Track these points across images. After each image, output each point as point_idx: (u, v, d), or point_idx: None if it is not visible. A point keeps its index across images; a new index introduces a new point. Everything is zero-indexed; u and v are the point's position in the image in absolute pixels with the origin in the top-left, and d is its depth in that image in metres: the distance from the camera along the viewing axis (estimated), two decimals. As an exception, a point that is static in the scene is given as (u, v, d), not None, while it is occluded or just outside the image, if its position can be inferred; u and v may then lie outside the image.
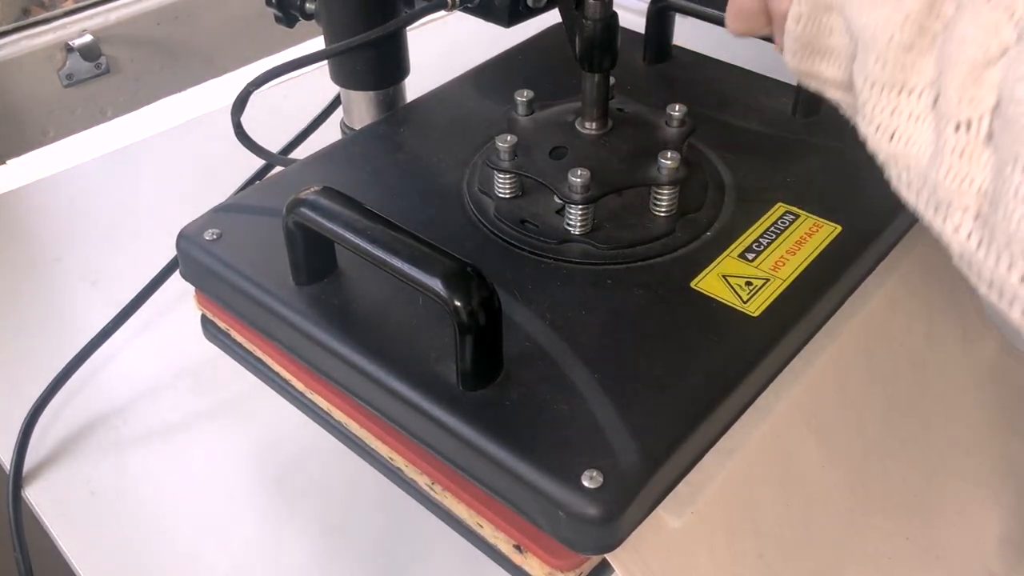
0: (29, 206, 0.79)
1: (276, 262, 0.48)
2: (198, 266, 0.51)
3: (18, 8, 0.86)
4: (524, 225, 0.50)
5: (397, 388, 0.43)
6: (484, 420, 0.41)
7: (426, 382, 0.42)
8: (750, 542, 0.46)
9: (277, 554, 0.53)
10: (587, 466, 0.38)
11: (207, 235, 0.51)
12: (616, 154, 0.51)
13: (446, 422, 0.41)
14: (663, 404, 0.42)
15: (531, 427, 0.40)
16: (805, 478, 0.48)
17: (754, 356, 0.44)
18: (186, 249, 0.52)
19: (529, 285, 0.47)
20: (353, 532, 0.54)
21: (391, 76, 0.65)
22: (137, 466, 0.58)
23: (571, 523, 0.38)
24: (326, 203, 0.44)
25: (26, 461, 0.58)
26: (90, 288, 0.70)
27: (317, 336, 0.46)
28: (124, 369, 0.64)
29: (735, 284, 0.47)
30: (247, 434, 0.59)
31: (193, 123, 0.87)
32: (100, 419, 0.60)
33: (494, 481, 0.41)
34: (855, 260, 0.50)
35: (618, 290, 0.47)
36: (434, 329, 0.44)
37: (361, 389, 0.45)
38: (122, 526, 0.55)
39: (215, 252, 0.50)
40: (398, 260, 0.41)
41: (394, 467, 0.48)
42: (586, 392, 0.42)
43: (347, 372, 0.45)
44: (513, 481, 0.39)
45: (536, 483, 0.39)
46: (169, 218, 0.75)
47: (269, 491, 0.56)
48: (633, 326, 0.45)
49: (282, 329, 0.47)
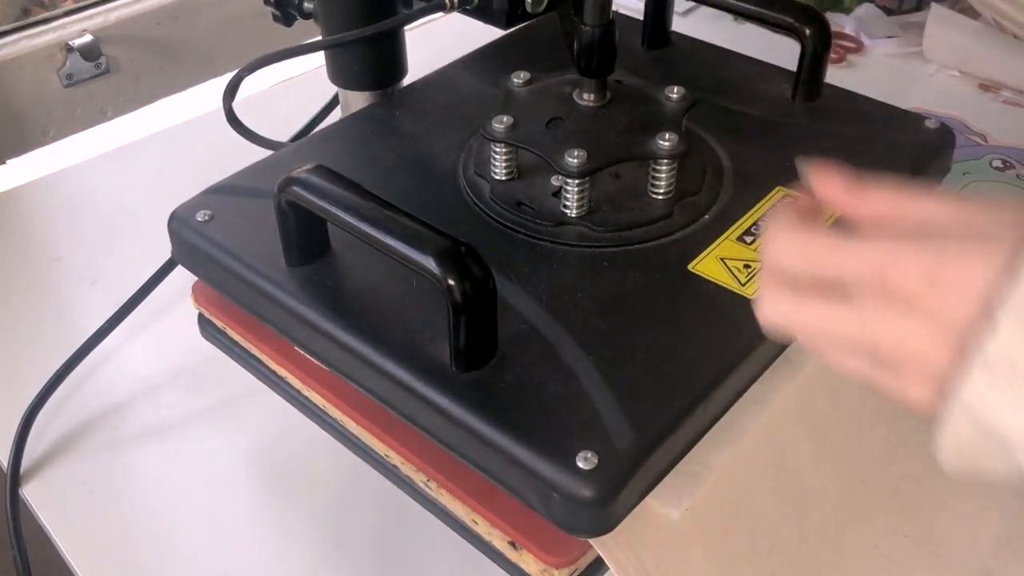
0: (29, 206, 0.79)
1: (268, 243, 0.47)
2: (190, 248, 0.51)
3: (18, 8, 0.86)
4: (520, 207, 0.50)
5: (390, 369, 0.42)
6: (478, 401, 0.40)
7: (419, 363, 0.42)
8: (744, 538, 0.46)
9: (275, 552, 0.53)
10: (582, 448, 0.38)
11: (199, 216, 0.51)
12: (614, 127, 0.50)
13: (439, 403, 0.41)
14: (660, 387, 0.41)
15: (525, 408, 0.40)
16: (800, 474, 0.48)
17: (751, 340, 0.44)
18: (177, 230, 0.51)
19: (525, 267, 0.47)
20: (350, 530, 0.54)
21: (389, 77, 0.65)
22: (135, 465, 0.58)
23: (566, 505, 0.38)
24: (318, 181, 0.44)
25: (24, 460, 0.57)
26: (89, 287, 0.70)
27: (309, 317, 0.45)
28: (122, 368, 0.64)
29: (733, 267, 0.47)
30: (245, 432, 0.59)
31: (193, 123, 0.87)
32: (98, 418, 0.60)
33: (488, 463, 0.40)
34: None
35: (615, 272, 0.47)
36: (428, 310, 0.43)
37: (353, 371, 0.44)
38: (120, 525, 0.54)
39: (206, 233, 0.50)
40: (391, 239, 0.40)
41: (390, 464, 0.48)
42: (582, 374, 0.41)
43: (339, 353, 0.44)
44: (507, 463, 0.39)
45: (530, 464, 0.38)
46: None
47: (266, 489, 0.56)
48: (630, 309, 0.45)
49: (274, 311, 0.47)
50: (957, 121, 0.84)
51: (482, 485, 0.44)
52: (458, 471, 0.44)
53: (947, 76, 0.90)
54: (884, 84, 0.90)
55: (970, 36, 0.89)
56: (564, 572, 0.42)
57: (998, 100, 0.87)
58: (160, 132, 0.86)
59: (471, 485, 0.44)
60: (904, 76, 0.91)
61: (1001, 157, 0.80)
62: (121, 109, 0.89)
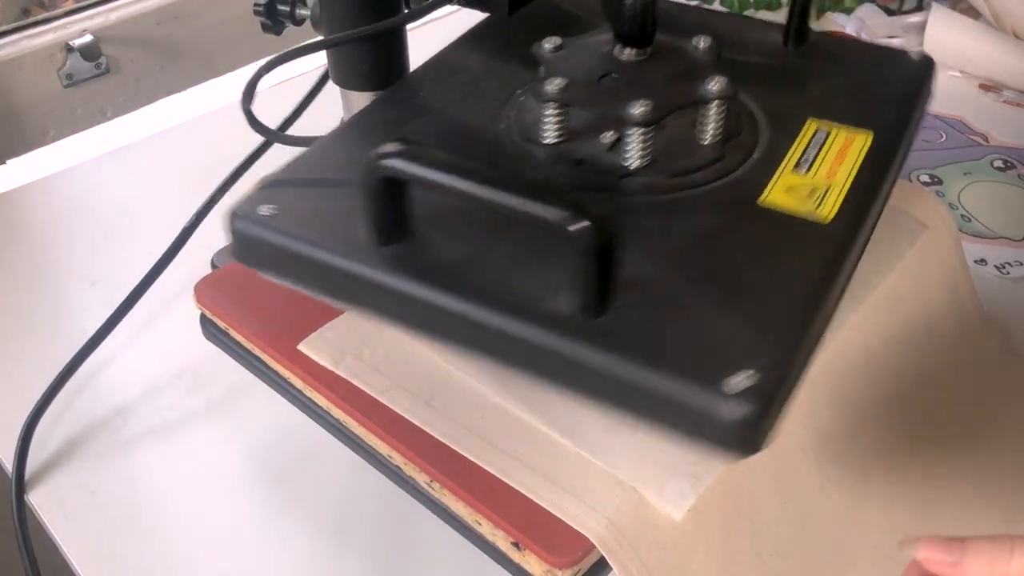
0: (29, 206, 0.79)
1: (348, 228, 0.45)
2: (260, 244, 0.48)
3: (18, 8, 0.86)
4: (581, 166, 0.51)
5: (516, 330, 0.41)
6: (620, 343, 0.40)
7: (546, 318, 0.41)
8: (746, 540, 0.46)
9: (278, 553, 0.53)
10: (734, 369, 0.38)
11: (263, 211, 0.49)
12: (661, 77, 0.51)
13: (579, 354, 0.40)
14: (776, 306, 0.42)
15: (665, 344, 0.40)
16: (801, 474, 0.48)
17: (836, 256, 0.45)
18: (243, 229, 0.48)
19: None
20: (353, 531, 0.54)
21: (392, 77, 0.65)
22: (137, 466, 0.58)
23: (725, 427, 0.38)
24: (420, 151, 0.42)
25: (27, 462, 0.57)
26: (89, 288, 0.70)
27: (418, 293, 0.44)
28: (124, 369, 0.63)
29: (799, 195, 0.48)
30: (247, 433, 0.59)
31: (193, 123, 0.87)
32: (99, 419, 0.60)
33: (637, 403, 0.40)
34: (895, 158, 0.51)
35: (691, 215, 0.47)
36: (536, 269, 0.43)
37: (474, 340, 0.43)
38: (123, 526, 0.54)
39: (278, 226, 0.47)
40: (512, 196, 0.40)
41: (393, 465, 0.48)
42: (701, 308, 0.41)
43: (456, 324, 0.43)
44: (660, 398, 0.39)
45: (684, 394, 0.38)
46: (169, 218, 0.76)
47: (269, 490, 0.56)
48: (718, 246, 0.45)
49: (373, 293, 0.45)
50: (958, 121, 0.84)
51: (485, 485, 0.44)
52: (461, 472, 0.44)
53: (948, 76, 0.90)
54: (885, 84, 0.90)
55: (971, 36, 0.89)
56: (568, 573, 0.42)
57: (999, 100, 0.87)
58: (160, 132, 0.86)
59: (474, 486, 0.44)
60: (905, 76, 0.91)
61: (1002, 157, 0.80)
62: (121, 109, 0.89)
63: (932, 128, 0.84)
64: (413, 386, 0.48)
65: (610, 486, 0.43)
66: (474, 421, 0.47)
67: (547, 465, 0.44)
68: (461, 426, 0.46)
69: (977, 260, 0.70)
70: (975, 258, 0.70)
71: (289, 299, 0.54)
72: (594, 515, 0.42)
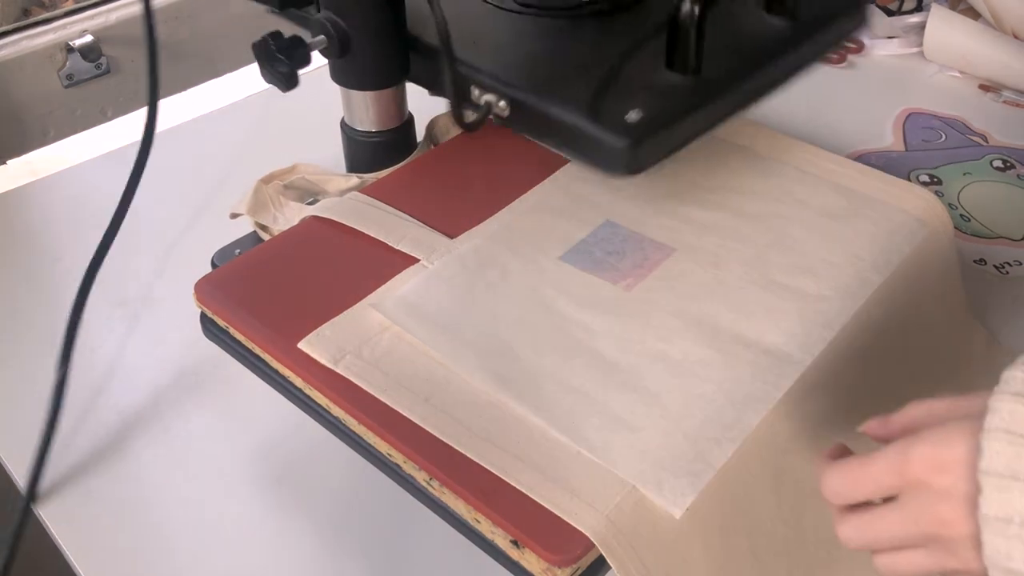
0: (29, 206, 0.79)
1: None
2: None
3: (18, 8, 0.86)
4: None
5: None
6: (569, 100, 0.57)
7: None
8: (743, 538, 0.46)
9: (278, 551, 0.53)
10: (630, 109, 0.54)
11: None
12: None
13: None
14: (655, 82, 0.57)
15: (593, 101, 0.56)
16: (799, 474, 0.48)
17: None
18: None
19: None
20: (353, 529, 0.54)
21: (392, 76, 0.65)
22: (138, 467, 0.57)
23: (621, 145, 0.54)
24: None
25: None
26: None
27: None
28: (124, 369, 0.63)
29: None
30: (247, 432, 0.59)
31: (193, 123, 0.87)
32: (100, 420, 0.60)
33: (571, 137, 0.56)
34: None
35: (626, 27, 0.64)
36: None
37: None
38: (123, 527, 0.54)
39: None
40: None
41: (392, 463, 0.48)
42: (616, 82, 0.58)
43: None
44: (584, 132, 0.55)
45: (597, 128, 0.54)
46: (168, 218, 0.76)
47: (269, 489, 0.56)
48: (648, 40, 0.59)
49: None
50: (958, 121, 0.84)
51: (484, 483, 0.44)
52: (460, 470, 0.44)
53: (947, 76, 0.90)
54: (885, 84, 0.90)
55: (970, 36, 0.89)
56: (566, 571, 0.42)
57: (999, 100, 0.87)
58: (160, 132, 0.86)
59: (473, 484, 0.44)
60: (905, 76, 0.91)
61: (1002, 157, 0.80)
62: (121, 109, 0.89)
63: (932, 128, 0.84)
64: (412, 384, 0.48)
65: (609, 484, 0.43)
66: (473, 419, 0.47)
67: (546, 463, 0.44)
68: (460, 424, 0.46)
69: (976, 260, 0.70)
70: (974, 258, 0.70)
71: (289, 298, 0.54)
72: (593, 513, 0.42)
